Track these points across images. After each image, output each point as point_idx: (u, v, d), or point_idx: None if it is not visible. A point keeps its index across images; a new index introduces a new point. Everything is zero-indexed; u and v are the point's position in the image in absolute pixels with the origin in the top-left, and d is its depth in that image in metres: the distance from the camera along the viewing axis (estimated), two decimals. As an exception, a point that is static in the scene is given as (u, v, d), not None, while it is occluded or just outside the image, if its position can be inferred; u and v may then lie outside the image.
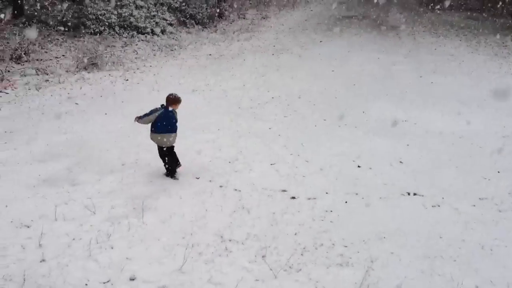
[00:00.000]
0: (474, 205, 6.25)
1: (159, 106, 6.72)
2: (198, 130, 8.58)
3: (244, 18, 21.31)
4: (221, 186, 6.56)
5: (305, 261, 4.93)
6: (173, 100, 6.70)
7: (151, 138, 6.81)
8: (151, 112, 6.68)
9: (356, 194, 6.41)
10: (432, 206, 6.17)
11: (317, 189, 6.53)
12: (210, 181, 6.71)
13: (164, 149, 6.78)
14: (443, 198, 6.38)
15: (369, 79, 12.48)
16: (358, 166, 7.27)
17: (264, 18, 21.79)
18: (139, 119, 6.74)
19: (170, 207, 5.95)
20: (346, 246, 5.21)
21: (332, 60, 14.27)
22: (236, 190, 6.48)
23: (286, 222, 5.69)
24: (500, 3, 21.23)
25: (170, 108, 6.67)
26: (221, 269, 4.77)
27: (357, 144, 8.09)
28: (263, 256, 4.99)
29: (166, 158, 6.78)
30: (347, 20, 21.95)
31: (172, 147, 6.82)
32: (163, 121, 6.64)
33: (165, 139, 6.70)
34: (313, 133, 8.59)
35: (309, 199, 6.27)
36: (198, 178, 6.77)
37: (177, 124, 6.75)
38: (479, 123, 9.24)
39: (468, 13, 22.85)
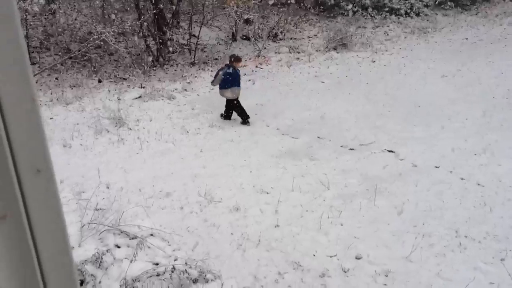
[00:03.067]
0: None
1: (224, 66, 8.31)
2: (442, 118, 8.26)
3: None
4: (462, 179, 6.21)
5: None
6: (235, 59, 8.20)
7: (220, 94, 8.26)
8: (217, 72, 8.20)
9: None
10: None
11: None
12: (450, 172, 6.42)
13: (235, 102, 8.18)
14: None
15: None
16: None
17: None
18: (213, 82, 8.26)
19: (403, 194, 5.86)
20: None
21: None
22: (479, 184, 6.06)
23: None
24: None
25: (233, 67, 8.09)
26: (452, 265, 4.57)
27: None
28: (502, 259, 4.62)
29: (236, 109, 8.25)
30: None
31: (237, 100, 8.22)
32: (229, 77, 8.02)
33: (231, 93, 8.08)
34: None
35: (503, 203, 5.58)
36: (437, 168, 6.55)
37: (240, 80, 8.26)
38: None
39: None
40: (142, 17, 11.28)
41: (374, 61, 12.32)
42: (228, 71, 8.05)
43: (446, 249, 4.79)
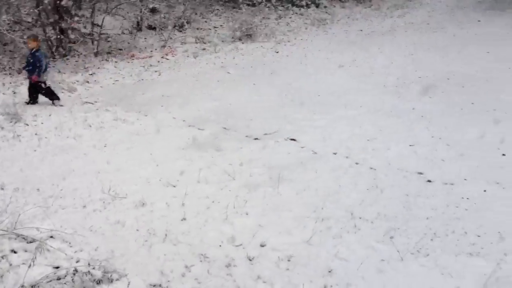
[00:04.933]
0: None
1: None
2: (340, 106, 8.68)
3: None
4: (357, 163, 6.62)
5: (434, 247, 4.84)
6: (28, 38, 8.57)
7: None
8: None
9: (497, 183, 6.08)
10: None
11: (455, 175, 6.29)
12: (346, 157, 6.81)
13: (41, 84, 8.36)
14: None
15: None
16: (503, 154, 6.87)
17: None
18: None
19: (305, 180, 6.14)
20: (479, 236, 5.01)
21: (489, 41, 13.20)
22: (371, 168, 6.49)
23: (419, 205, 5.61)
24: None
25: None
26: (348, 245, 4.87)
27: (503, 130, 7.55)
28: (391, 237, 5.00)
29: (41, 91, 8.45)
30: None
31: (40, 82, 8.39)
32: (30, 60, 8.15)
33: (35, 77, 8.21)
34: (459, 117, 8.20)
35: (445, 184, 6.09)
36: (335, 154, 6.91)
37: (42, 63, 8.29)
38: None
39: None
40: (41, 5, 10.76)
41: (277, 52, 12.64)
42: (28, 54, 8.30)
43: (342, 230, 5.11)
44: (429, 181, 6.18)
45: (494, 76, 10.40)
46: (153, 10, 13.95)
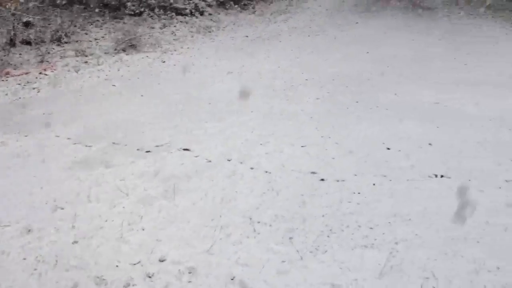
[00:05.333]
0: (500, 187, 6.15)
1: None
2: (231, 113, 8.70)
3: None
4: (252, 168, 6.65)
5: (331, 243, 4.97)
6: None
7: None
8: None
9: (384, 176, 6.40)
10: (459, 189, 6.09)
11: (346, 172, 6.53)
12: (241, 163, 6.81)
13: None
14: (469, 180, 6.31)
15: (403, 62, 12.21)
16: (388, 149, 7.23)
17: (302, -1, 21.58)
18: None
19: (201, 189, 6.05)
20: (371, 228, 5.23)
21: (367, 42, 14.02)
22: (266, 172, 6.54)
23: (314, 204, 5.74)
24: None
25: None
26: (248, 250, 4.86)
27: (387, 126, 8.01)
28: (290, 238, 5.06)
29: None
30: (384, 1, 21.44)
31: None
32: None
33: None
34: (345, 116, 8.55)
35: (337, 181, 6.29)
36: (229, 160, 6.89)
37: None
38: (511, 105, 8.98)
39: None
40: None
41: (164, 62, 12.45)
42: None
43: (242, 236, 5.08)
44: (322, 179, 6.34)
45: (374, 76, 11.00)
46: (27, 24, 13.17)
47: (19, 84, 10.53)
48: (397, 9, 19.69)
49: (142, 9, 16.09)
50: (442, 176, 6.42)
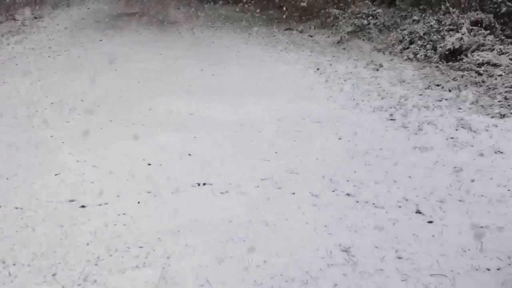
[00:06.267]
0: (258, 186, 6.58)
1: None
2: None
3: (14, 20, 19.65)
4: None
5: (100, 271, 4.67)
6: None
7: None
8: None
9: (148, 192, 6.29)
10: (221, 193, 6.35)
11: (108, 194, 6.23)
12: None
13: None
14: (230, 183, 6.60)
15: (154, 75, 12.38)
16: (148, 164, 7.15)
17: (36, 18, 20.30)
18: None
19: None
20: (141, 247, 5.06)
21: (114, 59, 13.80)
22: (17, 208, 5.86)
23: (76, 234, 5.32)
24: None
25: None
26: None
27: (146, 142, 7.93)
28: (53, 275, 4.59)
29: None
30: (127, 18, 21.66)
31: None
32: None
33: None
34: (100, 136, 8.19)
35: (100, 205, 5.96)
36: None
37: None
38: (256, 110, 9.73)
39: (241, 6, 23.74)
40: None
41: None
42: None
43: (-3, 284, 4.45)
44: (83, 206, 5.93)
45: (125, 92, 10.88)
46: None
47: None
48: (141, 25, 20.00)
49: None
50: (204, 184, 6.59)
